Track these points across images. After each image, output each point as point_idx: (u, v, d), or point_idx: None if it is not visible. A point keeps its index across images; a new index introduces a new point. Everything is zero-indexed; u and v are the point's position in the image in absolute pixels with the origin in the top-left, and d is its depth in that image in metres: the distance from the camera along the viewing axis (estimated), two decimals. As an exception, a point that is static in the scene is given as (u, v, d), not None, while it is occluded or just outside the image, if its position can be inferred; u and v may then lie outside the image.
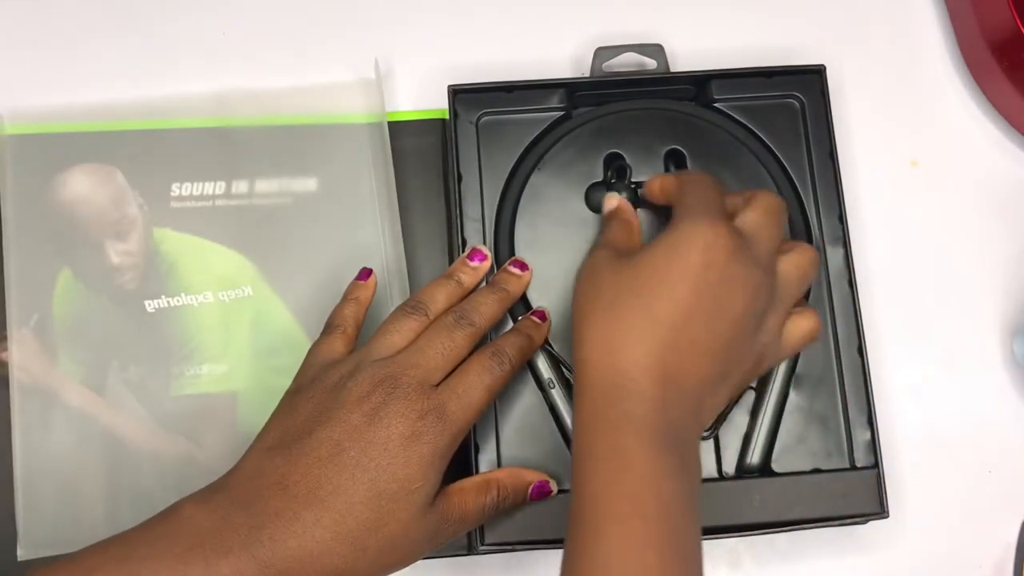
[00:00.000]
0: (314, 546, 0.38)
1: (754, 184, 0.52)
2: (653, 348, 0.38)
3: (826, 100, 0.53)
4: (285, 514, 0.38)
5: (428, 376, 0.42)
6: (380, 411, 0.40)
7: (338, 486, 0.39)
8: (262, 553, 0.37)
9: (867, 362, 0.50)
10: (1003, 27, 0.53)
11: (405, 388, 0.41)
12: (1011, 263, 0.56)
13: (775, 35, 0.58)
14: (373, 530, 0.39)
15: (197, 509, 0.39)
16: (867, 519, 0.48)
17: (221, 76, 0.56)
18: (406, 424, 0.40)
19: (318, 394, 0.42)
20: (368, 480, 0.39)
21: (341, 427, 0.40)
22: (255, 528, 0.38)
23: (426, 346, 0.43)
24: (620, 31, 0.57)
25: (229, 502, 0.39)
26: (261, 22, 0.57)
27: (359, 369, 0.42)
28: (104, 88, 0.55)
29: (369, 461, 0.39)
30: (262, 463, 0.40)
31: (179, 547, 0.37)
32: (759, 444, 0.49)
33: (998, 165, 0.57)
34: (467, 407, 0.42)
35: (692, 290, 0.39)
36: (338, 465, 0.39)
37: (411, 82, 0.57)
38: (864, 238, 0.55)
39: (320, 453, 0.39)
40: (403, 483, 0.40)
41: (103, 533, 0.48)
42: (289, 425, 0.41)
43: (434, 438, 0.41)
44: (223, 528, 0.38)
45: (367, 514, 0.39)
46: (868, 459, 0.49)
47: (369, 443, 0.39)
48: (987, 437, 0.53)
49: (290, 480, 0.39)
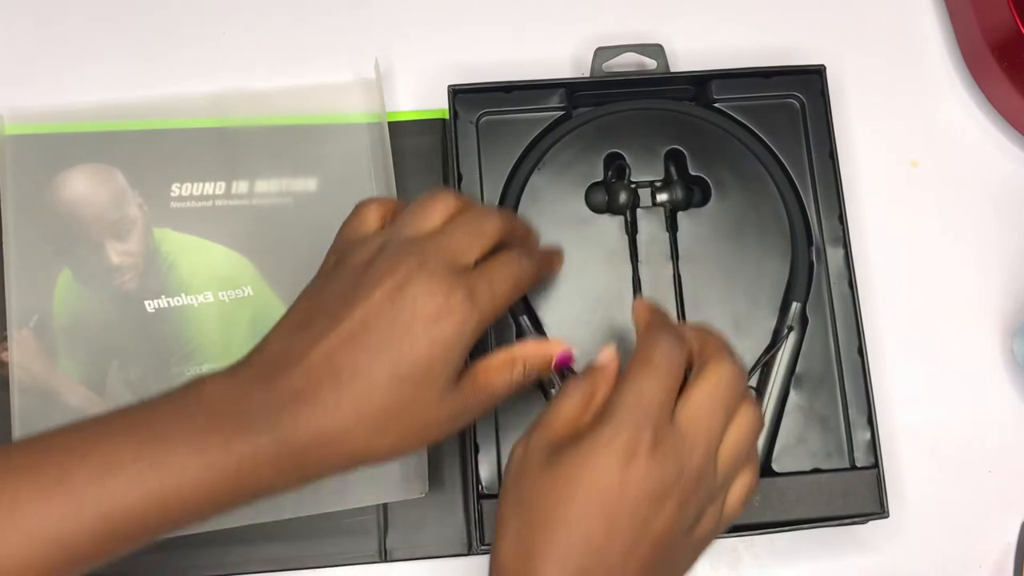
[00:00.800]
0: (334, 428, 0.37)
1: (755, 185, 0.52)
2: (567, 567, 0.35)
3: (826, 100, 0.53)
4: (306, 394, 0.37)
5: (456, 258, 0.40)
6: (404, 291, 0.38)
7: (359, 368, 0.37)
8: (282, 433, 0.37)
9: (867, 362, 0.50)
10: (1003, 27, 0.53)
11: (432, 268, 0.39)
12: (1011, 263, 0.56)
13: (775, 35, 0.58)
14: (394, 414, 0.38)
15: (219, 385, 0.38)
16: (867, 519, 0.48)
17: (221, 76, 0.56)
18: (431, 305, 0.38)
19: (344, 273, 0.40)
20: (390, 362, 0.37)
21: (364, 307, 0.38)
22: (276, 407, 0.37)
23: (455, 229, 0.41)
24: (620, 31, 0.57)
25: (251, 380, 0.38)
26: (261, 22, 0.58)
27: (386, 248, 0.40)
28: (104, 88, 0.55)
29: (391, 343, 0.38)
30: (286, 342, 0.39)
31: (198, 423, 0.36)
32: (759, 444, 0.49)
33: (998, 165, 0.57)
34: (495, 295, 0.40)
35: (606, 514, 0.36)
36: (360, 346, 0.38)
37: (411, 82, 0.57)
38: (864, 238, 0.55)
39: (343, 334, 0.38)
40: (426, 366, 0.38)
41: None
42: (314, 304, 0.40)
43: (460, 320, 0.38)
44: (244, 406, 0.37)
45: (388, 397, 0.37)
46: (868, 459, 0.49)
47: (392, 324, 0.38)
48: (987, 437, 0.53)
49: (312, 360, 0.38)
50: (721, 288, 0.51)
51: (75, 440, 0.36)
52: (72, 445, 0.36)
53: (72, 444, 0.36)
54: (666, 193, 0.52)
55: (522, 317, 0.50)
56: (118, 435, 0.36)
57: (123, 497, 0.35)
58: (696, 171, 0.52)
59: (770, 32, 0.58)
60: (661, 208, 0.52)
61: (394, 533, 0.50)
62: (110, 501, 0.35)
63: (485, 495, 0.48)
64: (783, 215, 0.52)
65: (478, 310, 0.39)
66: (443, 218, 0.41)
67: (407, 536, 0.50)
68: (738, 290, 0.51)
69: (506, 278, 0.41)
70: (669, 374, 0.38)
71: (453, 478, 0.51)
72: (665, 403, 0.37)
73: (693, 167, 0.52)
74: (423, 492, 0.50)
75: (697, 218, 0.52)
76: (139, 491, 0.35)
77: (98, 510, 0.35)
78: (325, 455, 0.37)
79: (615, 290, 0.51)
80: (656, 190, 0.52)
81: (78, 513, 0.34)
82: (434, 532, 0.50)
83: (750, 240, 0.51)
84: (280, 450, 0.37)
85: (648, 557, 0.36)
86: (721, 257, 0.51)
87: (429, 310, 0.38)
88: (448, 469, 0.51)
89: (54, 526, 0.34)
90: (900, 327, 0.54)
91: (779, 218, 0.52)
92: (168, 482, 0.35)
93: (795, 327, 0.50)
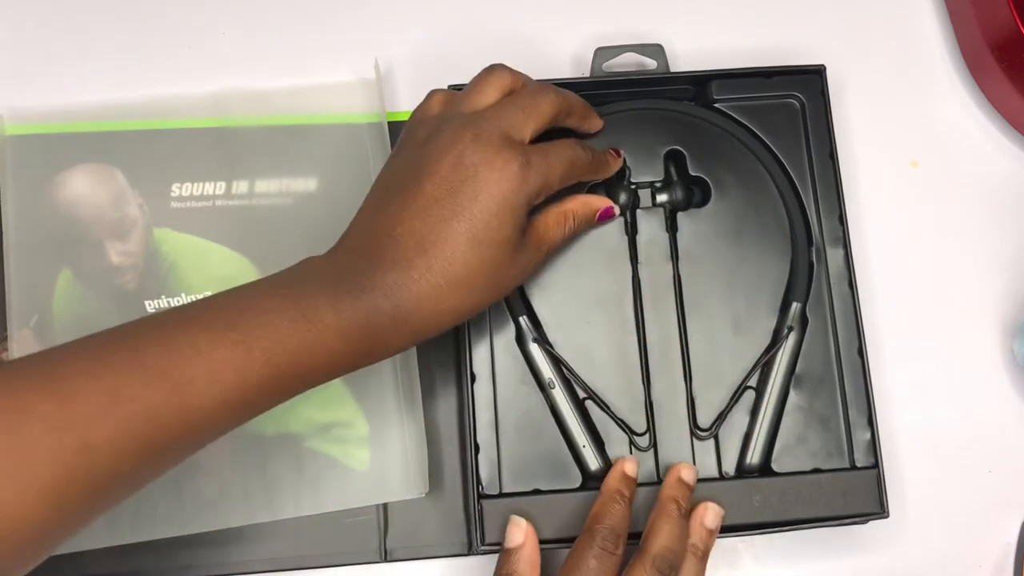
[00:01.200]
0: (430, 290, 0.40)
1: (755, 185, 0.52)
2: None
3: (826, 100, 0.53)
4: (400, 262, 0.40)
5: (510, 132, 0.43)
6: (464, 161, 0.42)
7: (440, 235, 0.41)
8: (391, 294, 0.40)
9: (867, 363, 0.50)
10: (1003, 27, 0.53)
11: (488, 138, 0.42)
12: (1011, 263, 0.56)
13: (775, 35, 0.58)
14: (477, 272, 0.41)
15: (323, 262, 0.41)
16: (867, 519, 0.48)
17: (221, 76, 0.56)
18: (492, 172, 0.41)
19: (410, 150, 0.44)
20: (465, 229, 0.41)
21: (431, 179, 0.42)
22: (380, 275, 0.40)
23: (509, 104, 0.45)
24: (620, 31, 0.57)
25: (350, 254, 0.41)
26: (261, 22, 0.58)
27: (445, 122, 0.43)
28: (104, 88, 0.55)
29: (463, 210, 0.41)
30: (371, 219, 0.42)
31: (326, 285, 0.39)
32: (759, 444, 0.49)
33: (998, 165, 0.57)
34: (550, 167, 0.44)
35: None
36: (435, 216, 0.41)
37: (411, 82, 0.57)
38: (864, 238, 0.55)
39: (417, 206, 0.41)
40: (496, 228, 0.41)
41: (103, 535, 0.48)
42: (388, 182, 0.43)
43: (519, 183, 0.42)
44: (353, 276, 0.40)
45: (470, 259, 0.41)
46: (868, 459, 0.49)
47: (458, 192, 0.41)
48: (987, 437, 0.53)
49: (397, 232, 0.41)
50: (721, 288, 0.51)
51: (231, 299, 0.38)
52: (230, 302, 0.38)
53: (230, 302, 0.38)
54: (666, 194, 0.52)
55: (522, 317, 0.50)
56: (268, 292, 0.39)
57: (282, 345, 0.37)
58: (696, 171, 0.52)
59: (770, 32, 0.58)
60: (661, 209, 0.52)
61: (394, 533, 0.51)
62: (272, 348, 0.37)
63: (485, 495, 0.48)
64: (783, 215, 0.52)
65: (535, 174, 0.43)
66: (498, 94, 0.45)
67: (407, 536, 0.50)
68: (738, 290, 0.51)
69: (561, 158, 0.45)
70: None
71: (453, 478, 0.51)
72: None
73: (693, 167, 0.52)
74: (423, 492, 0.50)
75: (697, 219, 0.52)
76: (294, 341, 0.38)
77: (264, 356, 0.37)
78: (428, 314, 0.41)
79: (615, 291, 0.51)
80: (656, 191, 0.52)
81: (247, 357, 0.37)
82: (434, 532, 0.51)
83: (750, 240, 0.51)
84: (395, 311, 0.40)
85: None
86: (721, 257, 0.51)
87: (491, 177, 0.41)
88: (448, 469, 0.51)
89: (231, 369, 0.36)
90: (900, 327, 0.55)
91: (779, 218, 0.52)
92: (316, 332, 0.38)
93: (795, 327, 0.50)
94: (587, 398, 0.50)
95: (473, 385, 0.49)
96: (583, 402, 0.50)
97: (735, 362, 0.50)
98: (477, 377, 0.49)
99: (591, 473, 0.49)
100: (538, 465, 0.49)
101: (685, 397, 0.50)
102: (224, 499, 0.49)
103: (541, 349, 0.49)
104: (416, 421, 0.51)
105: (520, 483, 0.48)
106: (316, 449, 0.51)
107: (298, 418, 0.51)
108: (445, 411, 0.52)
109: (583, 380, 0.49)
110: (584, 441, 0.49)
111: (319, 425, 0.51)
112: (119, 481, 0.35)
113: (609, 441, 0.49)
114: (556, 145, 0.45)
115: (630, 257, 0.51)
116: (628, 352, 0.50)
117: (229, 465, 0.50)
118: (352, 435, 0.51)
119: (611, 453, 0.49)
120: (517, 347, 0.50)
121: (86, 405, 0.33)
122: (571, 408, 0.49)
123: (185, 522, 0.49)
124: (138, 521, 0.49)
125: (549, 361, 0.49)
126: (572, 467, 0.49)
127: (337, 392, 0.51)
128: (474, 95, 0.45)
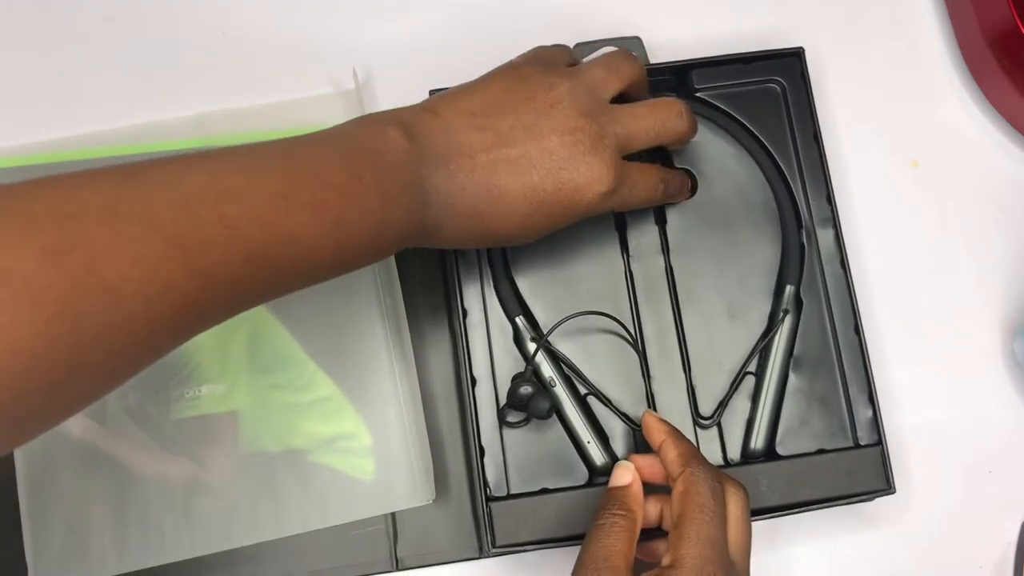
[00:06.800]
0: (491, 212, 0.42)
1: (741, 172, 0.52)
2: None
3: (807, 82, 0.53)
4: (468, 186, 0.42)
5: (598, 90, 0.45)
6: (555, 111, 0.43)
7: (509, 188, 0.42)
8: (454, 199, 0.41)
9: (864, 341, 0.50)
10: (1003, 26, 0.52)
11: (604, 148, 0.44)
12: (1011, 263, 0.55)
13: (770, 33, 0.57)
14: (567, 212, 0.44)
15: (401, 141, 0.41)
16: (873, 496, 0.48)
17: (201, 98, 0.55)
18: (573, 129, 0.43)
19: (513, 81, 0.44)
20: (552, 178, 0.43)
21: (536, 144, 0.43)
22: (447, 182, 0.41)
23: (593, 63, 0.47)
24: (598, 25, 0.57)
25: (425, 154, 0.41)
26: (235, 41, 0.57)
27: (569, 99, 0.44)
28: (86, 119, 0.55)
29: (552, 160, 0.43)
30: (461, 123, 0.43)
31: (387, 161, 0.39)
32: (762, 428, 0.49)
33: (998, 165, 0.57)
34: (631, 128, 0.45)
35: None
36: (519, 170, 0.42)
37: (392, 89, 0.56)
38: (863, 238, 0.55)
39: (507, 156, 0.42)
40: (586, 171, 0.43)
41: (113, 563, 0.48)
42: (491, 99, 0.44)
43: (607, 143, 0.44)
44: (425, 179, 0.41)
45: (557, 199, 0.43)
46: (871, 437, 0.49)
47: (542, 137, 0.43)
48: (987, 437, 0.53)
49: (478, 162, 0.42)
50: (714, 277, 0.51)
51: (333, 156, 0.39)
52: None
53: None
54: (653, 186, 0.52)
55: (518, 318, 0.50)
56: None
57: (368, 216, 0.38)
58: (681, 163, 0.52)
59: (764, 29, 0.58)
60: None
61: (404, 541, 0.50)
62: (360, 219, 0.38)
63: (493, 497, 0.48)
64: (771, 200, 0.52)
65: (615, 136, 0.44)
66: (620, 87, 0.47)
67: (417, 544, 0.50)
68: (731, 277, 0.51)
69: (642, 119, 0.46)
70: (720, 514, 0.41)
71: (459, 483, 0.51)
72: (724, 542, 0.40)
73: (678, 159, 0.52)
74: (430, 499, 0.50)
75: (685, 209, 0.52)
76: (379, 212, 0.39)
77: (377, 218, 0.38)
78: (488, 226, 0.43)
79: (608, 286, 0.51)
80: (643, 183, 0.52)
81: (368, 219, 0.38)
82: (444, 538, 0.51)
83: (740, 227, 0.52)
84: (454, 210, 0.42)
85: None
86: (712, 246, 0.51)
87: (584, 175, 0.43)
88: (454, 474, 0.51)
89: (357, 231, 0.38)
90: (900, 327, 0.54)
91: (767, 203, 0.52)
92: (399, 209, 0.39)
93: (790, 310, 0.51)
94: (588, 394, 0.50)
95: (474, 389, 0.49)
96: (585, 398, 0.50)
97: (733, 349, 0.50)
98: (478, 380, 0.49)
99: (597, 468, 0.49)
100: (544, 464, 0.49)
101: (685, 387, 0.50)
102: (232, 519, 0.49)
103: (543, 349, 0.49)
104: (419, 428, 0.51)
105: (527, 483, 0.49)
106: (321, 463, 0.50)
107: (301, 433, 0.51)
108: (447, 416, 0.52)
109: (584, 376, 0.49)
110: (588, 437, 0.49)
111: (322, 439, 0.51)
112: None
113: (613, 436, 0.49)
114: (640, 104, 0.47)
115: (621, 252, 0.51)
116: (626, 346, 0.50)
117: (235, 485, 0.50)
118: (356, 446, 0.51)
119: (615, 447, 0.49)
120: (516, 348, 0.50)
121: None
122: (573, 405, 0.49)
123: (194, 545, 0.49)
124: (146, 546, 0.49)
125: (550, 360, 0.49)
126: (578, 464, 0.49)
127: (338, 404, 0.51)
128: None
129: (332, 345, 0.52)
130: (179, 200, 0.33)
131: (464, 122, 0.42)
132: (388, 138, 0.40)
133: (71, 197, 0.31)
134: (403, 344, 0.51)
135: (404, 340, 0.51)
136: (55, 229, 0.30)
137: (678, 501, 0.41)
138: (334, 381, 0.51)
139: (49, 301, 0.29)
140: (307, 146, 0.39)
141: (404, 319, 0.51)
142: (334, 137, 0.40)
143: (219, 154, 0.36)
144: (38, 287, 0.28)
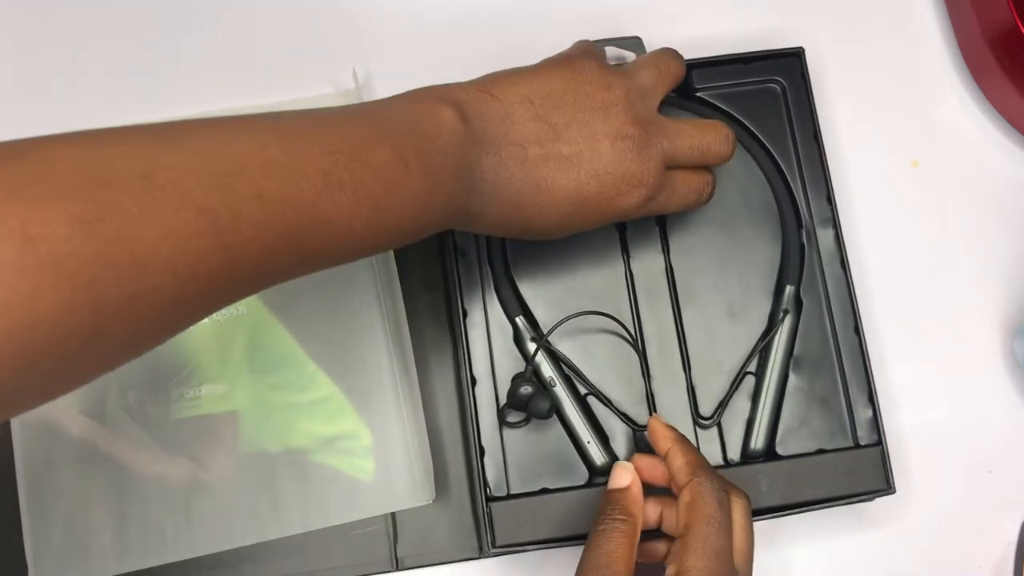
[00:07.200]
0: (532, 203, 0.42)
1: (742, 171, 0.52)
2: None
3: (806, 82, 0.53)
4: (516, 175, 0.41)
5: (649, 96, 0.46)
6: (610, 114, 0.43)
7: (557, 184, 0.42)
8: (498, 184, 0.41)
9: (864, 341, 0.50)
10: (1003, 26, 0.52)
11: (652, 151, 0.44)
12: (1011, 263, 0.55)
13: (770, 34, 0.57)
14: (605, 214, 0.44)
15: (455, 122, 0.40)
16: (873, 496, 0.48)
17: (200, 103, 0.55)
18: (624, 136, 0.43)
19: (572, 73, 0.44)
20: (597, 180, 0.43)
21: (588, 145, 0.43)
22: (494, 167, 0.41)
23: (644, 64, 0.47)
24: (598, 26, 0.57)
25: (479, 138, 0.41)
26: (234, 43, 0.57)
27: (626, 106, 0.44)
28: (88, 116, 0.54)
29: (600, 163, 0.43)
30: (520, 111, 0.42)
31: (436, 145, 0.39)
32: (762, 429, 0.49)
33: (998, 165, 0.57)
34: (677, 145, 0.45)
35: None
36: (568, 168, 0.42)
37: (392, 89, 0.56)
38: (863, 238, 0.55)
39: (560, 154, 0.42)
40: (630, 179, 0.43)
41: (113, 563, 0.48)
42: (549, 90, 0.43)
43: (653, 153, 0.44)
44: (473, 164, 0.40)
45: (599, 202, 0.43)
46: (871, 437, 0.49)
47: (595, 138, 0.43)
48: (987, 437, 0.53)
49: (530, 153, 0.42)
50: (714, 277, 0.51)
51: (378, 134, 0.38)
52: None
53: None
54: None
55: (518, 318, 0.50)
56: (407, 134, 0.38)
57: (411, 196, 0.37)
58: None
59: (764, 29, 0.58)
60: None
61: (404, 541, 0.50)
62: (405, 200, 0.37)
63: (493, 497, 0.48)
64: (771, 200, 0.52)
65: (661, 138, 0.45)
66: (667, 90, 0.48)
67: (417, 544, 0.50)
68: (731, 277, 0.51)
69: (687, 128, 0.47)
70: (726, 525, 0.41)
71: (459, 482, 0.51)
72: (730, 552, 0.41)
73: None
74: (430, 499, 0.50)
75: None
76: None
77: (419, 198, 0.38)
78: (528, 218, 0.43)
79: (608, 286, 0.51)
80: (643, 183, 0.52)
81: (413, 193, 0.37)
82: (444, 538, 0.51)
83: (740, 227, 0.52)
84: (499, 198, 0.41)
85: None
86: (712, 246, 0.51)
87: (627, 181, 0.43)
88: (454, 474, 0.51)
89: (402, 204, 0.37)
90: (900, 327, 0.54)
91: (767, 203, 0.52)
92: (443, 188, 0.39)
93: (790, 310, 0.51)
94: (588, 394, 0.50)
95: (474, 388, 0.49)
96: (585, 398, 0.50)
97: (733, 349, 0.50)
98: (478, 380, 0.49)
99: (597, 469, 0.49)
100: (544, 464, 0.49)
101: (685, 387, 0.50)
102: (232, 519, 0.49)
103: (544, 349, 0.49)
104: (419, 428, 0.51)
105: (527, 483, 0.49)
106: (321, 463, 0.50)
107: (301, 433, 0.51)
108: (447, 416, 0.52)
109: (584, 376, 0.49)
110: (588, 437, 0.49)
111: (322, 438, 0.51)
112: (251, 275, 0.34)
113: (613, 436, 0.49)
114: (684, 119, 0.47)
115: (621, 252, 0.51)
116: (626, 346, 0.50)
117: (235, 485, 0.50)
118: (356, 446, 0.51)
119: (615, 447, 0.49)
120: (516, 348, 0.50)
121: None
122: (573, 405, 0.49)
123: (194, 545, 0.49)
124: (146, 546, 0.49)
125: (550, 360, 0.49)
126: (578, 464, 0.49)
127: (338, 404, 0.51)
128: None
129: (332, 345, 0.52)
130: (216, 172, 0.32)
131: (523, 110, 0.42)
132: (441, 118, 0.39)
133: (104, 162, 0.30)
134: (403, 344, 0.51)
135: (404, 340, 0.51)
136: (84, 197, 0.29)
137: (685, 511, 0.41)
138: (334, 381, 0.51)
139: (74, 270, 0.28)
140: (352, 123, 0.37)
141: (404, 319, 0.51)
142: (380, 114, 0.39)
143: (261, 123, 0.35)
144: (64, 255, 0.28)
